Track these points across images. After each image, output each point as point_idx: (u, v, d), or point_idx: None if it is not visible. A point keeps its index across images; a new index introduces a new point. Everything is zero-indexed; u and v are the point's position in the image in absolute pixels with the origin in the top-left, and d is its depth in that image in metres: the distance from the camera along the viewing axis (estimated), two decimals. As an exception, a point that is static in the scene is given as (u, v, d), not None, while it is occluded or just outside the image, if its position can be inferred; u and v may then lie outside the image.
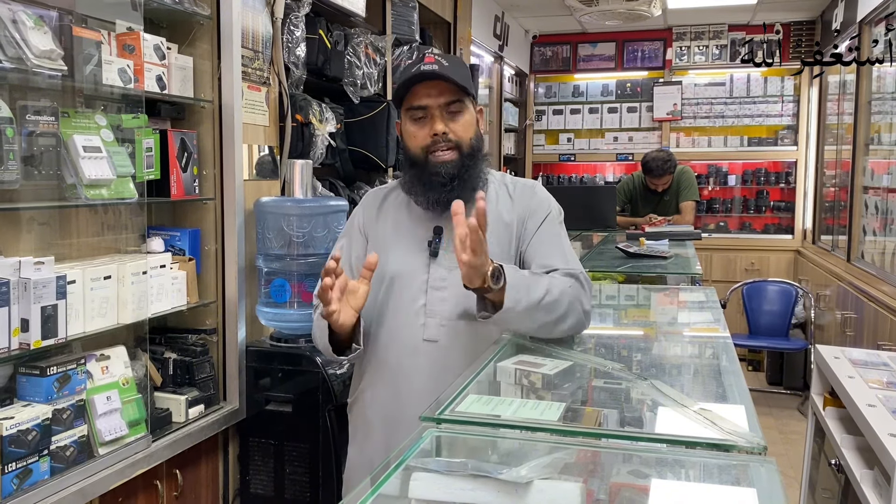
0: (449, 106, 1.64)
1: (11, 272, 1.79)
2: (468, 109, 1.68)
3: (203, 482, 2.50)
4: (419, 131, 1.65)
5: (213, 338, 2.56)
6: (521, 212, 1.73)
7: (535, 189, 1.78)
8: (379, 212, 1.78)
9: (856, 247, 4.63)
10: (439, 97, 1.63)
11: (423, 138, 1.65)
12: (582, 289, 1.62)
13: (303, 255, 2.50)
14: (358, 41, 3.29)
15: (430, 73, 1.60)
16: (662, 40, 6.97)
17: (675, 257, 3.30)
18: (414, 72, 1.62)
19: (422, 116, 1.65)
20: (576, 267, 1.65)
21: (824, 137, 6.13)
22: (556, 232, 1.72)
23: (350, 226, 1.82)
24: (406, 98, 1.66)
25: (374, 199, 1.81)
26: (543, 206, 1.74)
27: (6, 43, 1.80)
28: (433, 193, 1.65)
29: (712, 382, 1.48)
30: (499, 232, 1.70)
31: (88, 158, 1.98)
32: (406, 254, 1.69)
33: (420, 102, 1.63)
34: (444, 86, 1.62)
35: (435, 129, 1.63)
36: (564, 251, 1.69)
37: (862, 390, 1.89)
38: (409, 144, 1.68)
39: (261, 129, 2.70)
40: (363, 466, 1.74)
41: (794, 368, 5.50)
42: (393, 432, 1.65)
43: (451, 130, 1.64)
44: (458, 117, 1.65)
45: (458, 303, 1.64)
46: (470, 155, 1.66)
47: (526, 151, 7.35)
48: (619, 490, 1.06)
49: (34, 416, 1.80)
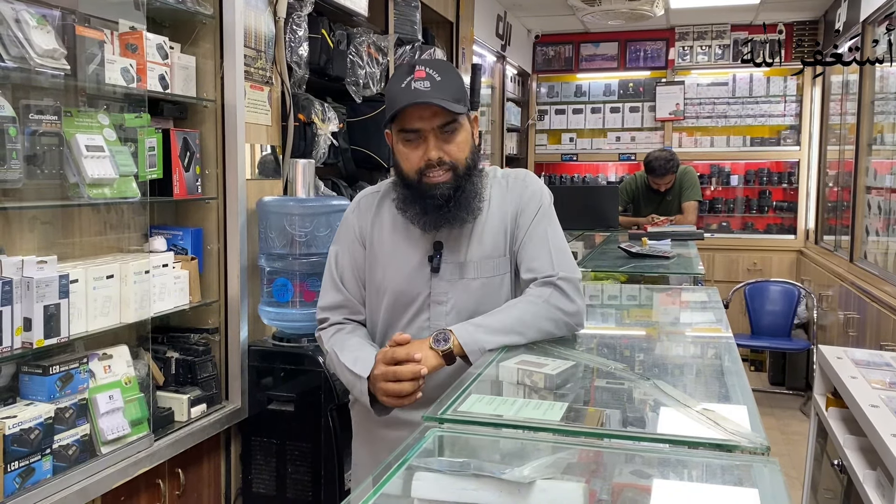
0: (443, 128, 1.57)
1: (14, 271, 1.79)
2: (463, 127, 1.61)
3: (205, 481, 2.50)
4: (412, 153, 1.59)
5: (215, 337, 2.56)
6: (513, 206, 1.70)
7: (526, 180, 1.74)
8: (375, 219, 1.72)
9: (858, 247, 4.62)
10: (433, 119, 1.56)
11: (417, 161, 1.59)
12: (561, 294, 1.61)
13: (305, 255, 2.50)
14: (360, 41, 3.30)
15: (422, 97, 1.52)
16: (665, 40, 6.97)
17: (677, 257, 3.30)
18: (404, 89, 1.54)
19: (414, 138, 1.58)
20: (560, 269, 1.63)
21: (827, 137, 6.12)
22: (544, 228, 1.68)
23: (346, 233, 1.75)
24: (397, 119, 1.58)
25: (367, 205, 1.75)
26: (535, 199, 1.70)
27: (9, 42, 1.80)
28: (429, 217, 1.61)
29: (715, 383, 1.48)
30: (495, 236, 1.69)
31: (91, 158, 1.98)
32: (407, 269, 1.67)
33: (412, 125, 1.57)
34: (438, 107, 1.54)
35: (429, 157, 1.57)
36: (551, 251, 1.66)
37: (864, 391, 1.89)
38: (403, 165, 1.62)
39: (263, 129, 2.70)
40: (368, 464, 1.75)
41: (796, 369, 5.49)
42: (396, 431, 1.65)
43: (447, 153, 1.58)
44: (453, 138, 1.59)
45: (460, 315, 1.65)
46: (466, 174, 1.61)
47: (528, 151, 7.35)
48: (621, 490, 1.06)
49: (37, 414, 1.80)
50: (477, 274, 1.66)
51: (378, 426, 1.71)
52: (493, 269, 1.68)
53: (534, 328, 1.59)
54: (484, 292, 1.67)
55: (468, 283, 1.66)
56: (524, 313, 1.60)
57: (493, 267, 1.67)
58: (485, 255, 1.67)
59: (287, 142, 2.82)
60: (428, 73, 1.55)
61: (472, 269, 1.66)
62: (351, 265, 1.73)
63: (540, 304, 1.60)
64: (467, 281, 1.66)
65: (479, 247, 1.67)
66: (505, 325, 1.58)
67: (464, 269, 1.66)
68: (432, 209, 1.60)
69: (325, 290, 1.76)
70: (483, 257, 1.67)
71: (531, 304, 1.61)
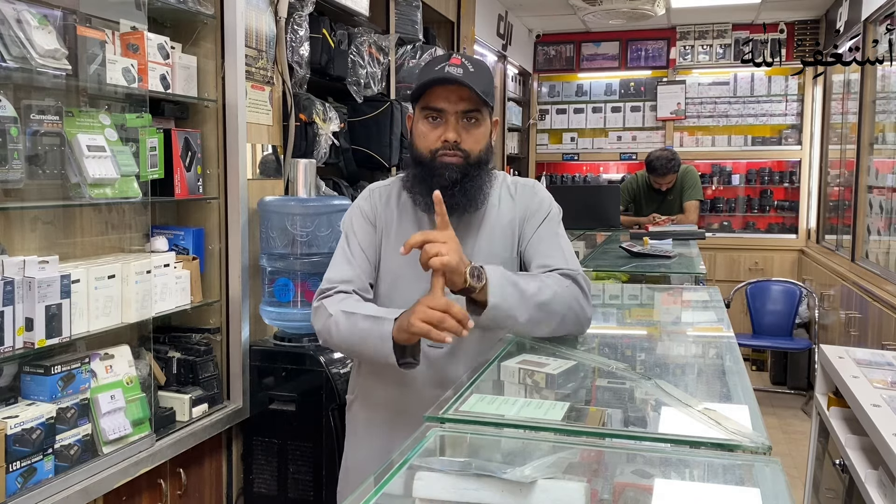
0: (466, 114, 1.60)
1: (16, 271, 1.79)
2: (484, 121, 1.64)
3: (206, 481, 2.50)
4: (431, 132, 1.61)
5: (216, 337, 2.57)
6: (521, 212, 1.71)
7: (535, 189, 1.76)
8: (386, 208, 1.73)
9: (860, 246, 4.62)
10: (458, 103, 1.59)
11: (434, 141, 1.61)
12: (580, 290, 1.60)
13: (306, 255, 2.50)
14: (361, 40, 3.30)
15: (454, 77, 1.55)
16: (666, 39, 6.96)
17: (678, 257, 3.30)
18: (437, 71, 1.57)
19: (437, 118, 1.61)
20: (575, 268, 1.63)
21: (828, 137, 6.11)
22: (555, 232, 1.70)
23: (358, 216, 1.73)
24: (423, 96, 1.61)
25: (380, 195, 1.75)
26: (544, 206, 1.72)
27: (11, 42, 1.80)
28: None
29: (716, 382, 1.48)
30: (504, 236, 1.69)
31: (92, 157, 1.99)
32: (411, 261, 1.65)
33: (437, 104, 1.59)
34: (465, 92, 1.57)
35: (446, 136, 1.59)
36: (564, 251, 1.67)
37: (866, 390, 1.89)
38: (418, 143, 1.64)
39: (264, 129, 2.70)
40: (360, 467, 1.74)
41: (797, 368, 5.49)
42: (394, 432, 1.65)
43: (463, 140, 1.60)
44: (473, 128, 1.61)
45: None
46: (476, 165, 1.63)
47: (529, 151, 7.34)
48: (622, 490, 1.06)
49: (38, 414, 1.80)
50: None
51: (376, 427, 1.70)
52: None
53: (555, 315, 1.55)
54: None
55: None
56: (552, 287, 1.55)
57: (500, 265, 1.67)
58: (491, 252, 1.67)
59: (288, 142, 2.82)
60: (463, 62, 1.59)
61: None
62: (363, 244, 1.70)
63: (565, 289, 1.57)
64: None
65: (485, 244, 1.67)
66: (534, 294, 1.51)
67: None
68: (439, 189, 1.58)
69: (334, 263, 1.71)
70: (489, 255, 1.66)
71: (559, 283, 1.57)
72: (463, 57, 1.60)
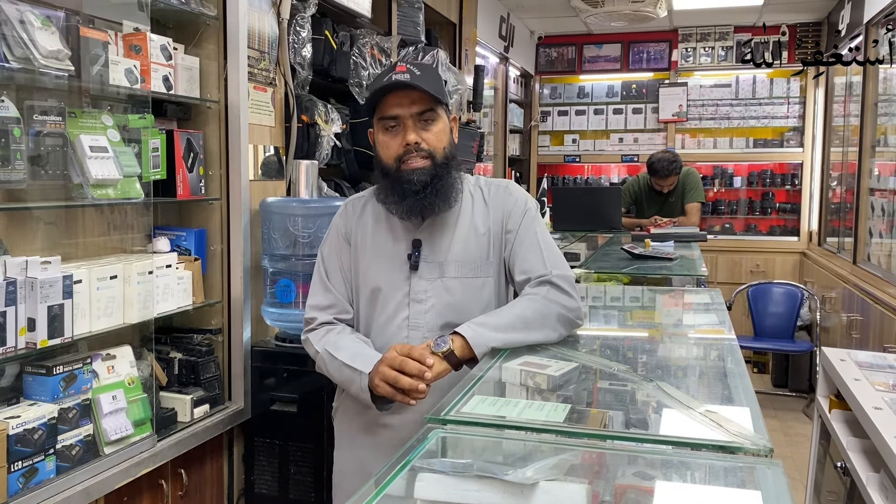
0: (421, 115, 1.64)
1: (18, 271, 1.80)
2: (441, 118, 1.67)
3: (208, 482, 2.50)
4: (391, 141, 1.65)
5: (218, 338, 2.57)
6: (498, 216, 1.74)
7: (509, 189, 1.78)
8: (360, 220, 1.77)
9: (862, 249, 4.61)
10: (411, 106, 1.62)
11: (396, 148, 1.64)
12: (558, 291, 1.64)
13: (308, 256, 2.50)
14: (364, 42, 3.30)
15: (401, 82, 1.60)
16: (668, 41, 6.96)
17: (680, 259, 3.30)
18: (385, 81, 1.62)
19: (394, 126, 1.64)
20: (553, 268, 1.67)
21: (830, 139, 6.11)
22: (533, 231, 1.72)
23: (334, 235, 1.80)
24: (378, 108, 1.65)
25: (353, 208, 1.80)
26: (520, 206, 1.74)
27: (14, 43, 1.80)
28: (406, 202, 1.65)
29: (718, 384, 1.48)
30: (477, 240, 1.71)
31: (95, 158, 1.99)
32: (387, 268, 1.70)
33: (392, 112, 1.63)
34: (417, 95, 1.62)
35: (407, 140, 1.63)
36: (542, 252, 1.70)
37: (868, 393, 1.88)
38: (382, 154, 1.68)
39: (266, 130, 2.70)
40: (351, 471, 1.76)
41: (799, 371, 5.48)
42: (379, 438, 1.68)
43: (424, 140, 1.64)
44: (431, 126, 1.65)
45: (439, 314, 1.67)
46: (443, 164, 1.66)
47: (531, 152, 7.35)
48: (624, 492, 1.06)
49: (40, 415, 1.80)
50: (457, 273, 1.68)
51: (361, 432, 1.72)
52: (474, 271, 1.70)
53: (536, 324, 1.60)
54: (464, 293, 1.68)
55: (447, 283, 1.68)
56: (525, 310, 1.62)
57: (474, 269, 1.70)
58: (466, 256, 1.69)
59: (290, 143, 2.82)
60: (409, 68, 1.63)
61: (452, 268, 1.68)
62: (339, 266, 1.76)
63: (539, 300, 1.63)
64: (447, 280, 1.68)
65: (459, 247, 1.70)
66: (508, 322, 1.59)
67: (443, 268, 1.68)
68: (410, 194, 1.63)
69: (313, 291, 1.79)
70: (464, 258, 1.69)
71: (531, 300, 1.64)
72: (408, 63, 1.65)
